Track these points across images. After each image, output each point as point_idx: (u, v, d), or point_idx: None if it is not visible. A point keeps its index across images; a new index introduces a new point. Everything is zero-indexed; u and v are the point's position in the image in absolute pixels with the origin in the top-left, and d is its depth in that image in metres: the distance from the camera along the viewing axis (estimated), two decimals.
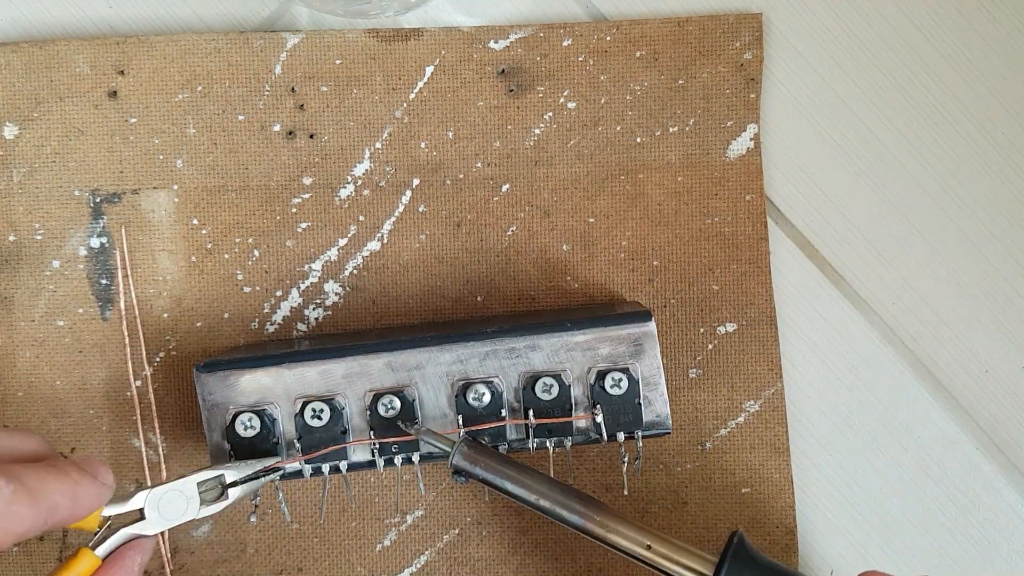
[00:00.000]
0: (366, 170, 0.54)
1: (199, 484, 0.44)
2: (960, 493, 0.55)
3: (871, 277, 0.55)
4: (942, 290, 0.55)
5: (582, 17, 0.55)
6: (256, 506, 0.52)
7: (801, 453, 0.55)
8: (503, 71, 0.54)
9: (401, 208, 0.54)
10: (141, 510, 0.43)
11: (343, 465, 0.47)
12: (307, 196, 0.54)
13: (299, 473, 0.47)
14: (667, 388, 0.48)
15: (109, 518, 0.42)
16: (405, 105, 0.54)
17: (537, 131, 0.54)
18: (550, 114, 0.54)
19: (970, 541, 0.55)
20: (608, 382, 0.46)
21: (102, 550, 0.41)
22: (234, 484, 0.44)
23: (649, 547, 0.39)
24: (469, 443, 0.44)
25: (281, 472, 0.46)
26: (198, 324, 0.54)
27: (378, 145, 0.54)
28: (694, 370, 0.54)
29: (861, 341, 0.55)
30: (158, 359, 0.54)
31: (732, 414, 0.54)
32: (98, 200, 0.54)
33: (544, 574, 0.54)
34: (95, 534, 0.42)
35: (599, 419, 0.47)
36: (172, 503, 0.43)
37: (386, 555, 0.54)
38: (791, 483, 0.54)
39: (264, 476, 0.45)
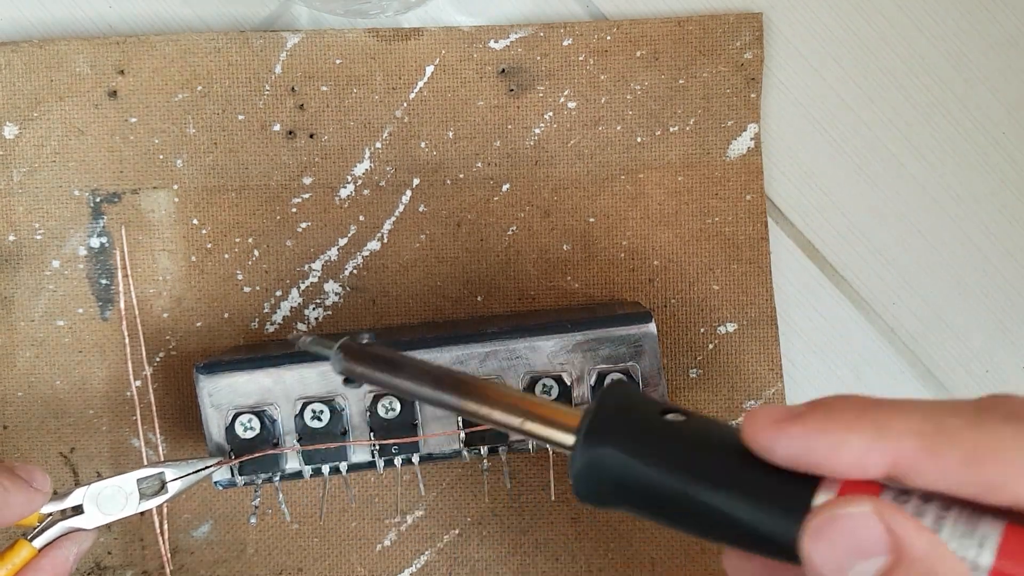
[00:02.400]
0: (366, 170, 0.54)
1: (139, 480, 0.45)
2: None
3: (871, 277, 0.55)
4: (942, 290, 0.55)
5: (582, 17, 0.55)
6: (256, 507, 0.52)
7: None
8: (503, 71, 0.54)
9: (401, 208, 0.54)
10: (80, 505, 0.44)
11: (343, 466, 0.47)
12: (307, 196, 0.54)
13: (299, 474, 0.47)
14: (667, 388, 0.48)
15: (49, 514, 0.43)
16: (405, 105, 0.54)
17: (537, 131, 0.54)
18: (550, 114, 0.54)
19: None
20: (608, 383, 0.46)
21: (39, 541, 0.43)
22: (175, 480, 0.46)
23: (523, 422, 0.37)
24: (347, 348, 0.40)
25: (215, 469, 0.47)
26: (198, 324, 0.54)
27: (378, 145, 0.54)
28: (694, 370, 0.54)
29: (861, 341, 0.55)
30: (158, 359, 0.54)
31: (732, 414, 0.54)
32: (98, 200, 0.54)
33: (544, 574, 0.54)
34: (35, 528, 0.43)
35: None
36: (111, 498, 0.44)
37: (386, 555, 0.54)
38: None
39: (204, 471, 0.46)
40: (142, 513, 0.53)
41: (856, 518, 0.27)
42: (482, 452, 0.47)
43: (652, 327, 0.47)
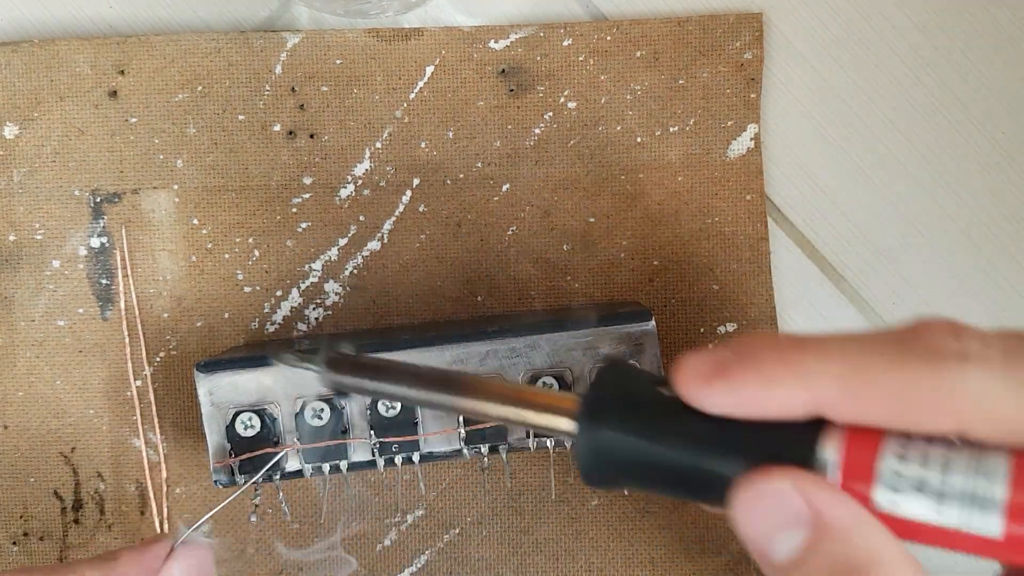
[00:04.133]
0: (366, 170, 0.54)
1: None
2: None
3: (871, 277, 0.55)
4: (942, 290, 0.55)
5: (582, 17, 0.55)
6: (256, 506, 0.52)
7: None
8: (503, 71, 0.54)
9: (401, 208, 0.54)
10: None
11: (343, 465, 0.47)
12: (307, 196, 0.54)
13: (299, 472, 0.47)
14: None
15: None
16: (405, 105, 0.54)
17: (537, 131, 0.54)
18: (550, 114, 0.54)
19: None
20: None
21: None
22: None
23: (519, 411, 0.36)
24: (332, 361, 0.38)
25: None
26: (198, 324, 0.54)
27: (378, 145, 0.54)
28: None
29: None
30: (158, 359, 0.54)
31: None
32: (98, 200, 0.54)
33: (544, 574, 0.54)
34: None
35: None
36: None
37: (386, 555, 0.54)
38: None
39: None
40: (142, 512, 0.53)
41: (778, 493, 0.27)
42: (482, 451, 0.47)
43: (652, 325, 0.47)
